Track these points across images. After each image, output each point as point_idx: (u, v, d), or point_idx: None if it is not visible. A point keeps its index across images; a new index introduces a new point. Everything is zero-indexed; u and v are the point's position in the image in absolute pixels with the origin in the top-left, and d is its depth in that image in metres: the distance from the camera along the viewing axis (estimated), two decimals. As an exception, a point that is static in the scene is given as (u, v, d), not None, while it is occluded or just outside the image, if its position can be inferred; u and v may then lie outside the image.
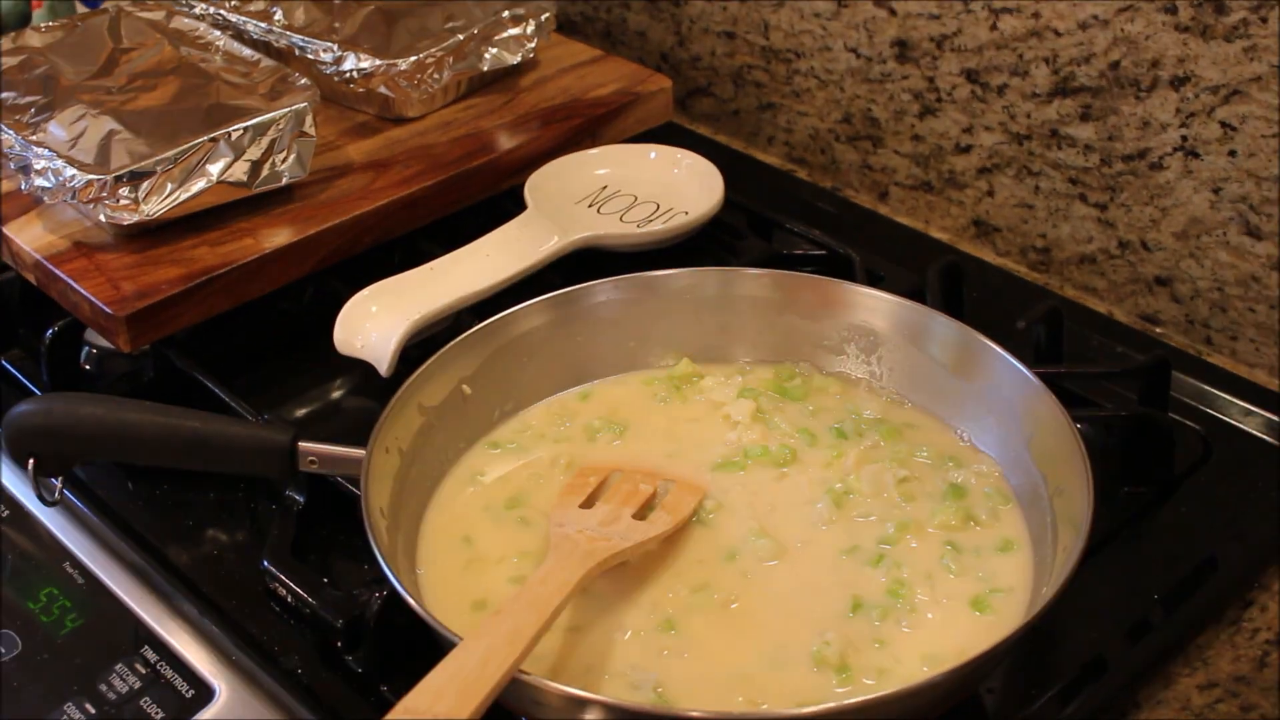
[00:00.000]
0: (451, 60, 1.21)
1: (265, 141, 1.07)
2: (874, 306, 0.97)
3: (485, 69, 1.24)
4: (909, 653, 0.80)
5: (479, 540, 0.88)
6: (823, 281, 1.00)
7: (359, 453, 0.86)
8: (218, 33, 1.21)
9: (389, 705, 0.81)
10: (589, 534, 0.83)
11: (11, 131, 1.07)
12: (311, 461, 0.88)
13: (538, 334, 0.98)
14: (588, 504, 0.88)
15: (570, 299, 0.99)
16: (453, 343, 0.94)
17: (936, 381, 0.95)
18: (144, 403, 0.91)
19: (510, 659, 0.71)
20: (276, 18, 1.25)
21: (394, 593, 0.78)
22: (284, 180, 1.09)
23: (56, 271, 1.04)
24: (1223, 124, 1.04)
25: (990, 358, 0.92)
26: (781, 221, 1.18)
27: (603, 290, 0.99)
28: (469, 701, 0.68)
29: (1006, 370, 0.90)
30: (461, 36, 1.22)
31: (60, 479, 0.92)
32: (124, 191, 1.03)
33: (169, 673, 0.85)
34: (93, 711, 0.83)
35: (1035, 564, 0.84)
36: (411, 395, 0.90)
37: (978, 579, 0.84)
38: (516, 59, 1.25)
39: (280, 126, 1.08)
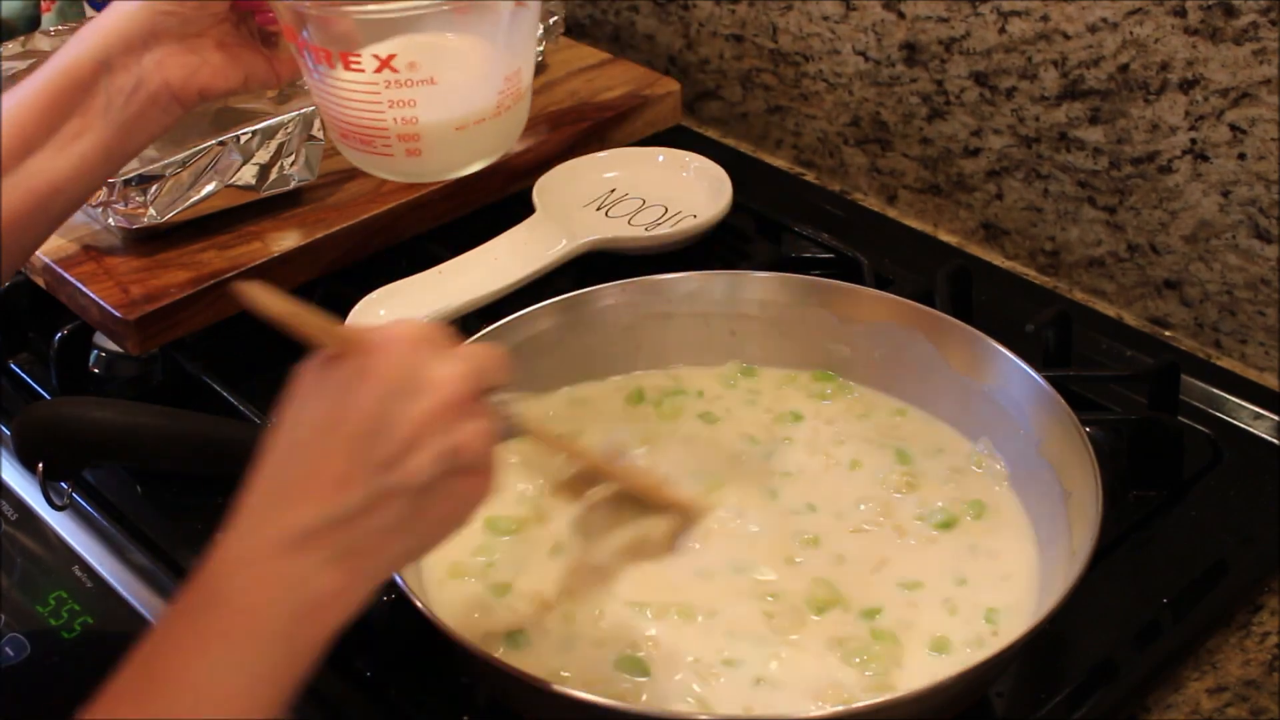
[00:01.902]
0: (460, 64, 1.21)
1: (274, 145, 1.07)
2: (882, 309, 0.97)
3: (494, 72, 1.24)
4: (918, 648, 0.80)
5: (472, 545, 0.88)
6: (831, 285, 1.00)
7: None
8: (226, 36, 1.21)
9: (398, 709, 0.82)
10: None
11: (21, 135, 1.08)
12: None
13: (545, 337, 0.97)
14: None
15: (578, 302, 0.99)
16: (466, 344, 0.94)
17: (944, 383, 0.95)
18: (154, 406, 0.91)
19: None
20: (285, 21, 1.25)
21: (401, 596, 0.78)
22: (292, 184, 1.09)
23: (65, 275, 1.04)
24: (1232, 127, 1.04)
25: (999, 361, 0.91)
26: (790, 224, 1.18)
27: (610, 293, 0.99)
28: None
29: (1015, 374, 0.90)
30: (470, 40, 1.22)
31: (69, 483, 0.93)
32: (133, 195, 1.03)
33: (177, 676, 0.85)
34: (101, 715, 0.83)
35: (1042, 567, 0.84)
36: None
37: (986, 581, 0.84)
38: (525, 62, 1.25)
39: (289, 130, 1.08)
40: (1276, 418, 1.00)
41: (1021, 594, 0.83)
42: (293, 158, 1.08)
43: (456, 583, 0.85)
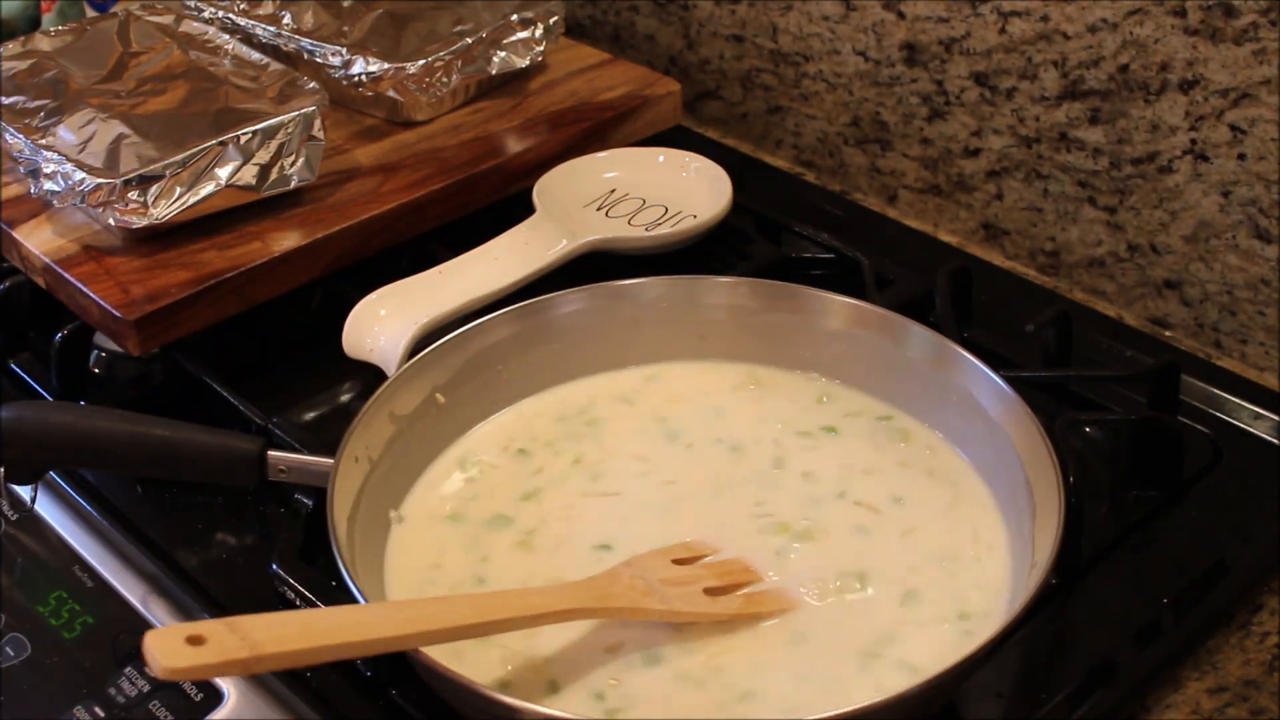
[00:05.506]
0: (460, 64, 1.21)
1: (274, 145, 1.07)
2: (848, 314, 0.96)
3: (494, 72, 1.24)
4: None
5: (448, 549, 0.88)
6: (795, 289, 0.99)
7: (327, 462, 0.85)
8: (226, 37, 1.21)
9: (397, 709, 0.82)
10: (640, 581, 0.81)
11: (21, 135, 1.08)
12: (281, 471, 0.88)
13: (509, 344, 0.97)
14: (684, 562, 0.85)
15: (538, 309, 0.98)
16: (425, 352, 0.94)
17: (918, 389, 0.94)
18: (114, 411, 0.90)
19: (381, 634, 0.71)
20: (285, 21, 1.25)
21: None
22: (293, 184, 1.09)
23: (65, 275, 1.04)
24: (1232, 127, 1.04)
25: (965, 367, 0.90)
26: (790, 225, 1.18)
27: (571, 300, 0.99)
28: (291, 642, 0.68)
29: (983, 380, 0.89)
30: (470, 40, 1.22)
31: (33, 487, 0.93)
32: (133, 195, 1.03)
33: (178, 676, 0.85)
34: (101, 715, 0.83)
35: (1014, 577, 0.84)
36: (383, 404, 0.89)
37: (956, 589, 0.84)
38: (525, 62, 1.25)
39: (289, 130, 1.08)
40: (1276, 418, 1.00)
41: (996, 602, 0.83)
42: (293, 158, 1.08)
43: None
